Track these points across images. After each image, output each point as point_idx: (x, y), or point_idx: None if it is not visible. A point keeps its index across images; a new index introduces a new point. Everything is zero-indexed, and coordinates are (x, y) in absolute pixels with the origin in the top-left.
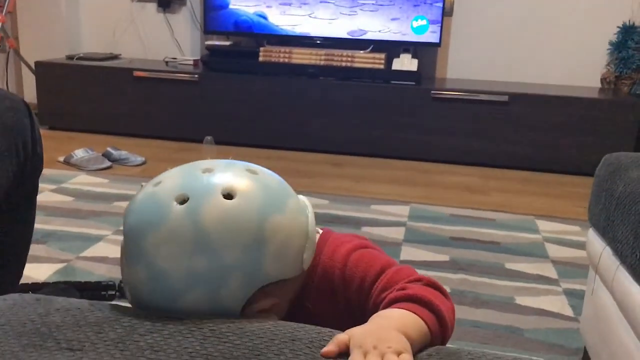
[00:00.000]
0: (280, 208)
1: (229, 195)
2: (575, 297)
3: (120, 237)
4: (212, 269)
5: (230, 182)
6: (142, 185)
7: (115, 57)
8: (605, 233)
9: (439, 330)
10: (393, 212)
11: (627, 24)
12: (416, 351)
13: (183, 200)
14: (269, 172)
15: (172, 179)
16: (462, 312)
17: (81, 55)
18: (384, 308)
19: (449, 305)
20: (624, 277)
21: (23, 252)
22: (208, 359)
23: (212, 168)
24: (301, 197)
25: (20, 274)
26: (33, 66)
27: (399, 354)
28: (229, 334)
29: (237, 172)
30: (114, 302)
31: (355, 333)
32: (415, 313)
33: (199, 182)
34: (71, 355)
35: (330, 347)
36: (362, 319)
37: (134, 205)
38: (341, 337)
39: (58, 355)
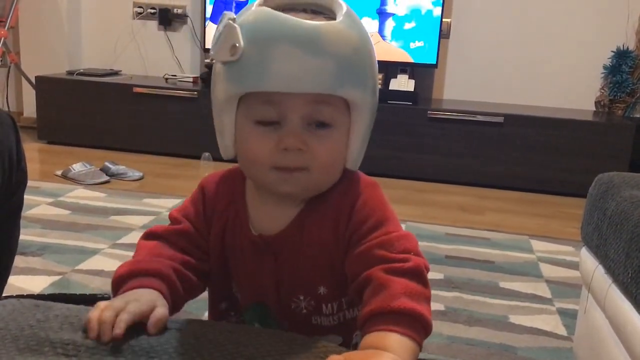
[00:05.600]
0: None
1: None
2: (569, 317)
3: (117, 251)
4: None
5: None
6: None
7: (115, 73)
8: (598, 251)
9: (424, 338)
10: None
11: (621, 48)
12: None
13: None
14: None
15: None
16: (456, 330)
17: (82, 70)
18: (374, 312)
19: (428, 296)
20: (616, 295)
21: (6, 268)
22: None
23: None
24: None
25: (2, 288)
26: (34, 81)
27: None
28: (226, 343)
29: None
30: None
31: (352, 357)
32: (407, 336)
33: None
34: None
35: None
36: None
37: None
38: (336, 358)
39: (54, 359)
